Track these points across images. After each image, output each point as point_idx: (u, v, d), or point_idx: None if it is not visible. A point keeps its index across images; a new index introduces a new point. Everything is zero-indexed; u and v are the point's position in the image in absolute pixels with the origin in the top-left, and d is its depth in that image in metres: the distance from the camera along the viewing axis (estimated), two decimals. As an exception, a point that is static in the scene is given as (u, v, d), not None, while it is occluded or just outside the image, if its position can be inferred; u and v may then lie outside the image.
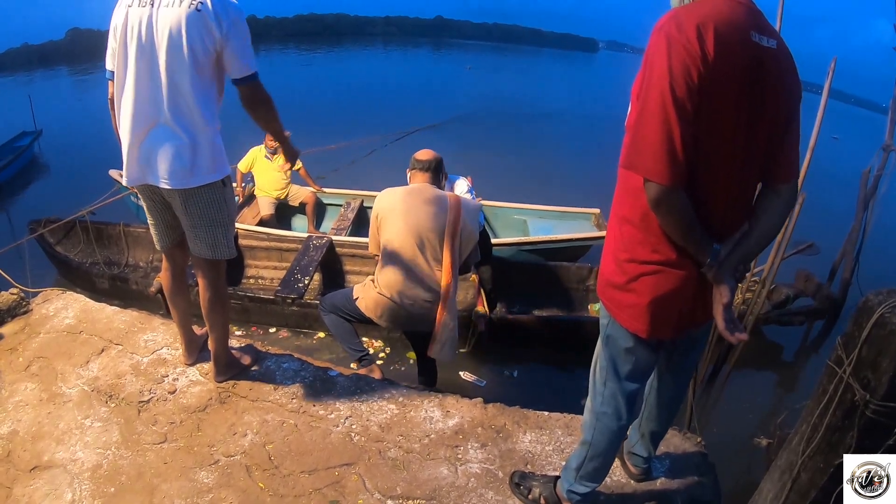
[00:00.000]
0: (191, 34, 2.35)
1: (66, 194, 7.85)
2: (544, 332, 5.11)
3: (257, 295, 5.27)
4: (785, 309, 5.44)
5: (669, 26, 1.53)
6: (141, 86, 2.44)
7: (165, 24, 2.35)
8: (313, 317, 5.14)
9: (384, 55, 42.70)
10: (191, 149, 2.50)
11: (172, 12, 2.34)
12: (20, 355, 3.31)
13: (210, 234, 2.69)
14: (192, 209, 2.62)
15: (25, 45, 28.55)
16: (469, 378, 4.71)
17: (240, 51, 2.45)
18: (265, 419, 2.89)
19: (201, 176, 2.55)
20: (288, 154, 3.03)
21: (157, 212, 2.76)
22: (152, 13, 2.36)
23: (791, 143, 1.71)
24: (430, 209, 3.30)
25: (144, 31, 2.37)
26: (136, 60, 2.41)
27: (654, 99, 1.52)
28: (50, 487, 2.50)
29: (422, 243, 3.28)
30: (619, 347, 1.99)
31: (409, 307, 3.33)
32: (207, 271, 2.82)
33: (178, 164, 2.49)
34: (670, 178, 1.54)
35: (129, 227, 6.34)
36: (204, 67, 2.43)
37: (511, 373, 4.89)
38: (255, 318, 5.34)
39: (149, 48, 2.39)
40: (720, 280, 1.72)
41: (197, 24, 2.35)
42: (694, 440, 2.89)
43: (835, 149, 15.52)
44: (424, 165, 3.49)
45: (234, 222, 2.82)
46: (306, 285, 5.17)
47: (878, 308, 1.61)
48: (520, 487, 2.50)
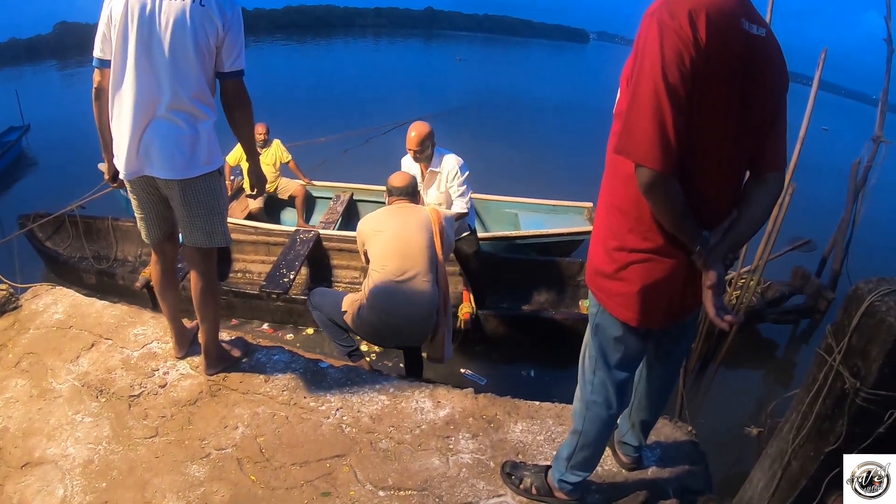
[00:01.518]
0: (195, 27, 2.35)
1: (54, 189, 7.78)
2: (532, 330, 5.07)
3: (241, 290, 5.24)
4: (780, 307, 5.42)
5: (661, 12, 1.52)
6: (142, 77, 2.41)
7: (169, 15, 2.33)
8: (298, 312, 5.12)
9: (374, 47, 42.57)
10: (191, 140, 2.50)
11: (176, 4, 2.33)
12: (10, 351, 3.29)
13: (208, 222, 2.69)
14: (191, 199, 2.62)
15: (12, 40, 28.27)
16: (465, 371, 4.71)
17: (236, 44, 2.48)
18: (256, 412, 2.88)
19: (200, 166, 2.56)
20: (254, 178, 2.97)
21: (151, 204, 2.74)
22: (155, 3, 2.34)
23: (778, 131, 1.71)
24: (414, 228, 3.42)
25: (147, 21, 2.34)
26: (137, 51, 2.37)
27: (646, 85, 1.52)
28: (42, 484, 2.49)
29: (411, 262, 3.35)
30: (608, 336, 1.99)
31: (401, 326, 3.39)
32: (200, 262, 2.81)
33: (179, 155, 2.49)
34: (663, 163, 1.53)
35: (118, 220, 6.30)
36: (206, 60, 2.44)
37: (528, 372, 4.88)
38: (239, 313, 5.29)
39: (152, 39, 2.36)
40: (709, 267, 1.72)
41: (201, 16, 2.36)
42: (685, 429, 2.90)
43: (825, 140, 15.58)
44: (403, 191, 3.62)
45: (226, 211, 2.81)
46: (291, 280, 5.12)
47: (868, 296, 1.61)
48: (511, 477, 2.51)
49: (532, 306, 5.72)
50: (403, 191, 3.62)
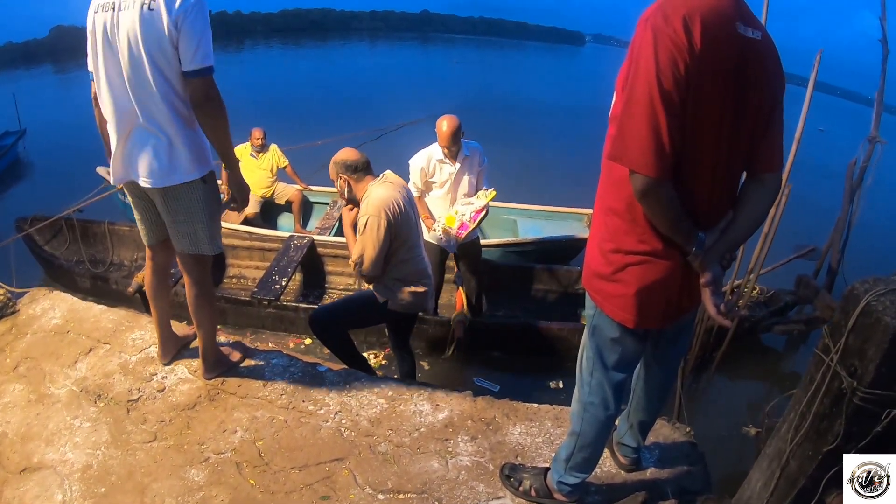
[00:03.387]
0: (146, 36, 2.30)
1: (51, 194, 7.75)
2: (526, 339, 4.99)
3: (232, 296, 5.21)
4: (784, 317, 5.32)
5: (656, 17, 1.53)
6: (114, 91, 2.44)
7: (124, 28, 2.32)
8: (289, 319, 5.07)
9: (371, 50, 42.53)
10: (168, 148, 2.48)
11: (128, 15, 2.31)
12: (7, 356, 3.29)
13: (191, 230, 2.68)
14: (172, 206, 2.62)
15: (9, 44, 28.20)
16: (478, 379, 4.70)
17: (192, 41, 2.33)
18: (255, 416, 2.88)
19: (180, 174, 2.53)
20: (234, 187, 2.76)
21: (143, 208, 2.76)
22: (114, 17, 2.33)
23: (775, 132, 1.72)
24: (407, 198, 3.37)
25: (110, 36, 2.36)
26: (105, 66, 2.41)
27: (640, 91, 1.52)
28: (40, 489, 2.49)
29: (416, 229, 3.41)
30: (605, 338, 2.00)
31: (430, 285, 3.54)
32: (192, 268, 2.82)
33: (157, 163, 2.49)
34: (657, 170, 1.54)
35: (115, 225, 6.29)
36: (165, 67, 2.37)
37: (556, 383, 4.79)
38: (231, 320, 5.23)
39: (112, 53, 2.38)
40: (706, 268, 1.73)
41: (149, 23, 2.29)
42: (683, 430, 2.90)
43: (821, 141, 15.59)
44: (365, 163, 3.34)
45: (218, 219, 2.78)
46: (283, 287, 5.07)
47: (865, 296, 1.62)
48: (510, 479, 2.51)
49: (529, 315, 5.61)
50: (364, 164, 3.33)
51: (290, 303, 5.06)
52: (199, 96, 2.41)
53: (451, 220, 4.44)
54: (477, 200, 4.47)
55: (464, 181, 4.50)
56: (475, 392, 3.15)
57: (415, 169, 4.44)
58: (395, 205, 3.19)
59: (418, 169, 4.42)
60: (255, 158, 6.80)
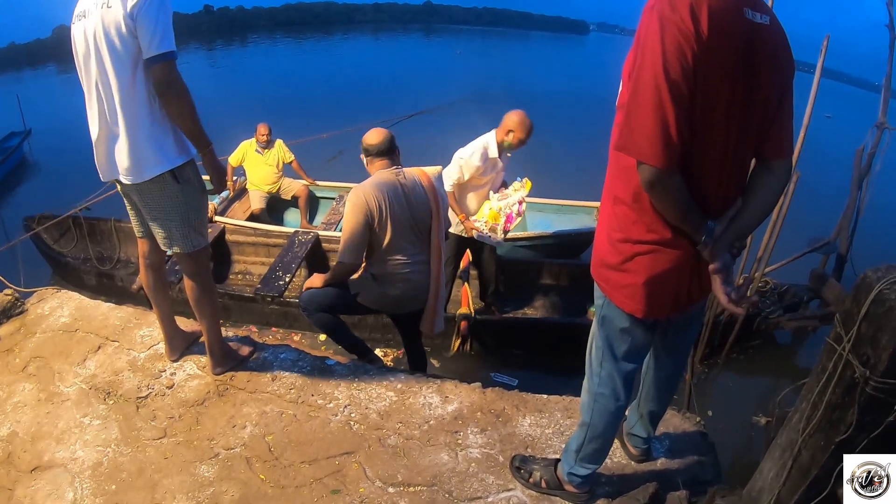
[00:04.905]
0: (106, 33, 2.34)
1: (57, 193, 7.78)
2: (533, 335, 4.97)
3: (236, 292, 5.20)
4: (798, 312, 5.24)
5: (662, 5, 1.50)
6: (91, 96, 2.52)
7: (90, 33, 2.38)
8: (293, 316, 5.06)
9: (375, 42, 42.48)
10: (132, 147, 2.50)
11: (92, 20, 2.36)
12: (17, 356, 3.30)
13: (164, 226, 2.70)
14: (146, 201, 2.65)
15: (12, 45, 28.34)
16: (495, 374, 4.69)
17: (149, 28, 2.31)
18: (264, 410, 2.89)
19: (148, 170, 2.54)
20: (210, 169, 2.71)
21: (132, 203, 2.81)
22: (84, 25, 2.40)
23: (784, 119, 1.69)
24: (411, 196, 3.23)
25: (82, 45, 2.44)
26: (85, 74, 2.50)
27: (647, 81, 1.50)
28: (51, 487, 2.50)
29: (413, 230, 3.27)
30: (614, 328, 1.99)
31: (409, 291, 3.34)
32: (185, 265, 2.84)
33: (126, 162, 2.53)
34: (665, 160, 1.52)
35: (121, 222, 6.31)
36: (127, 62, 2.38)
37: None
38: (235, 317, 5.23)
39: (85, 61, 2.46)
40: (715, 257, 1.71)
41: (108, 20, 2.32)
42: (693, 420, 2.89)
43: (828, 127, 15.50)
44: (381, 149, 3.30)
45: (195, 219, 2.74)
46: (287, 283, 5.02)
47: (877, 284, 1.59)
48: (521, 471, 2.50)
49: (537, 310, 5.62)
50: (385, 149, 3.28)
51: (294, 299, 5.01)
52: (160, 82, 2.38)
53: (495, 216, 4.36)
54: (515, 193, 4.40)
55: (500, 176, 4.47)
56: (485, 384, 3.14)
57: (469, 166, 4.26)
58: (382, 198, 3.11)
59: (473, 167, 4.26)
60: (260, 154, 6.80)
